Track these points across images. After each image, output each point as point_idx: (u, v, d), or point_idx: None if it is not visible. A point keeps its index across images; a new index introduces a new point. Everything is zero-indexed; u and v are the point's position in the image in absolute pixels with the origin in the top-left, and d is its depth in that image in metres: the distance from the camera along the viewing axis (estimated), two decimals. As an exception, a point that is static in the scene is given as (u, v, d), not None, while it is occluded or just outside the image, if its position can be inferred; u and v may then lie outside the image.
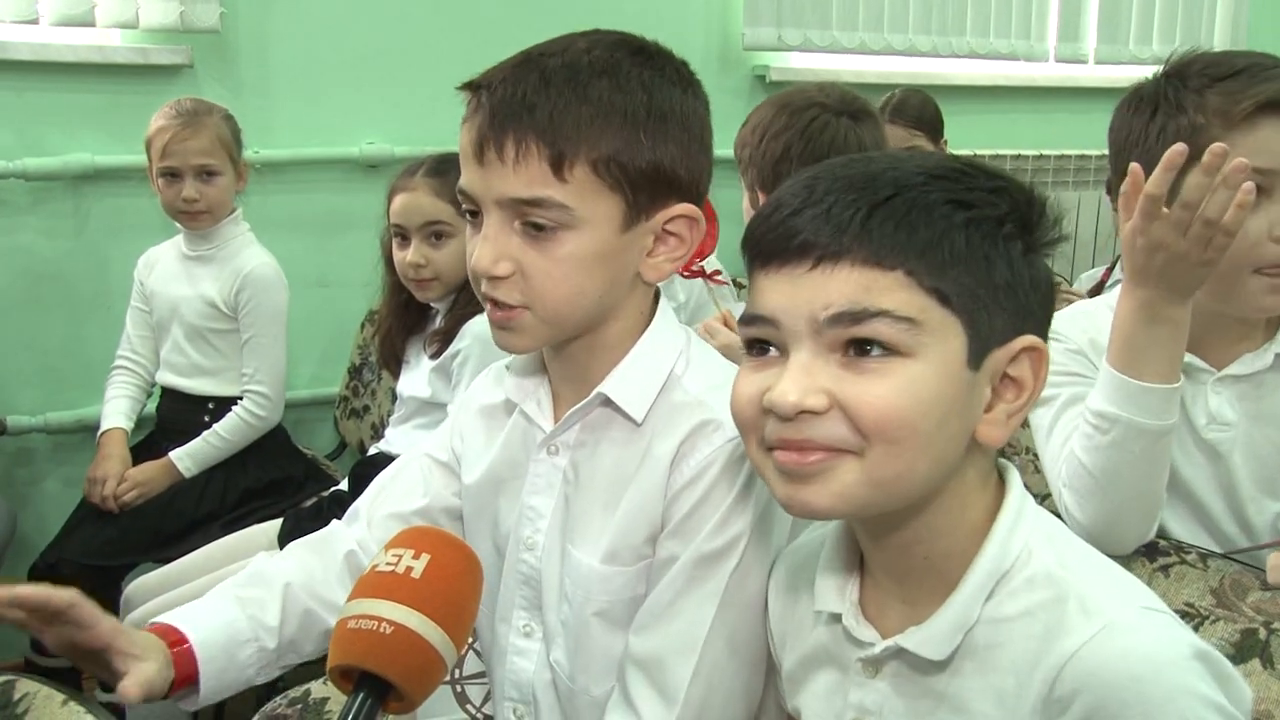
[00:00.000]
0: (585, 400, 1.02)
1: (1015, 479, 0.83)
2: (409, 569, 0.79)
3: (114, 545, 2.18)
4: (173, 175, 2.20)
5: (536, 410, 1.06)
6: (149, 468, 2.24)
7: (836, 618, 0.86)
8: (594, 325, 1.00)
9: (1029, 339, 0.78)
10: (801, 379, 0.76)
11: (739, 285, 2.17)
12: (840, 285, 0.75)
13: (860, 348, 0.75)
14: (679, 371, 1.02)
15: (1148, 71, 1.28)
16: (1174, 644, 0.73)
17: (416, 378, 2.10)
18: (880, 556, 0.84)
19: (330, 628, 1.04)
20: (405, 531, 0.85)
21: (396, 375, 2.17)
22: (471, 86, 0.97)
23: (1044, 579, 0.77)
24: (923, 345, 0.75)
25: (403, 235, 1.97)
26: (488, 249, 0.95)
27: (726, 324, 1.63)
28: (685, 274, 1.61)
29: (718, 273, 1.68)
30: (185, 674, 0.98)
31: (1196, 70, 1.22)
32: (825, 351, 0.76)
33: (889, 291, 0.74)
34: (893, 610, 0.84)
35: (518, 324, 0.97)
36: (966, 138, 3.12)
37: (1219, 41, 3.68)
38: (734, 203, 2.62)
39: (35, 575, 2.17)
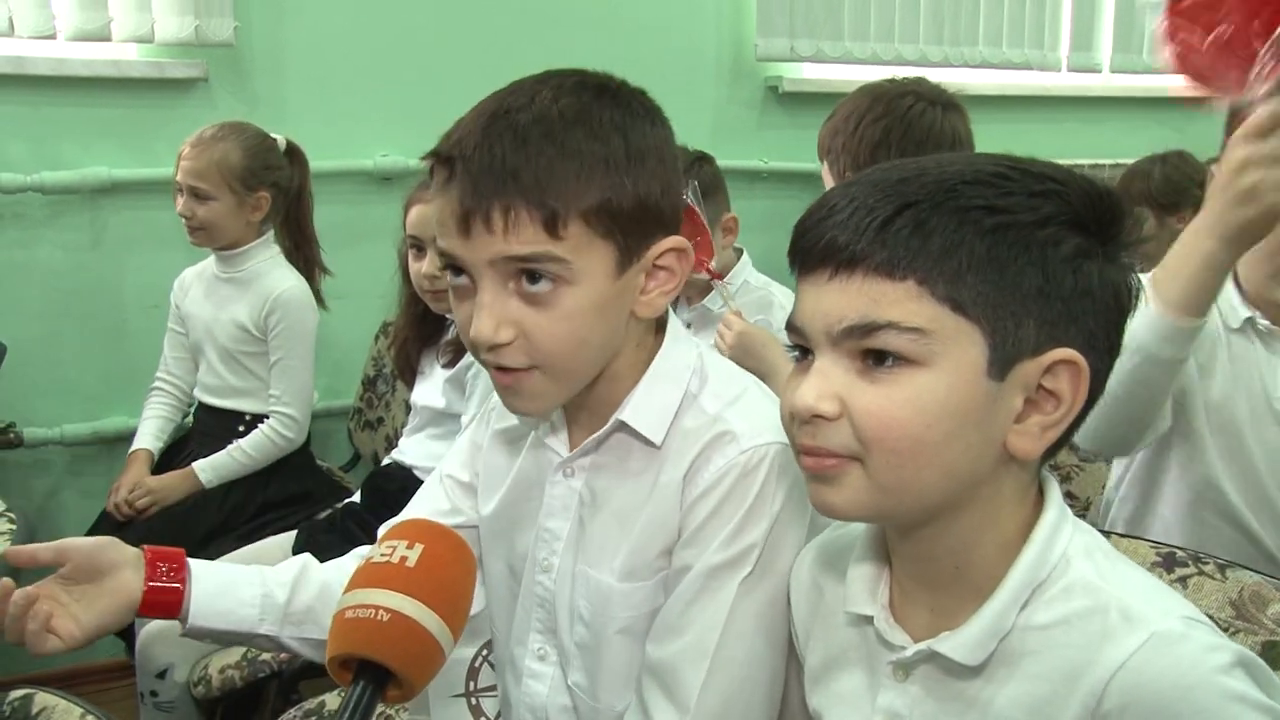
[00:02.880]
0: (604, 428, 1.01)
1: (1055, 491, 0.82)
2: (403, 558, 0.80)
3: None
4: (178, 190, 2.26)
5: (552, 436, 1.06)
6: (167, 477, 2.26)
7: (867, 619, 0.86)
8: (601, 370, 1.00)
9: (1063, 352, 0.75)
10: (818, 384, 0.77)
11: None
12: (852, 298, 0.75)
13: (878, 356, 0.75)
14: (694, 390, 1.02)
15: (1162, 81, 1.29)
16: (1220, 652, 0.72)
17: (430, 388, 2.11)
18: (910, 565, 0.84)
19: None
20: (398, 525, 0.86)
21: (411, 386, 2.17)
22: (439, 157, 0.93)
23: (1081, 588, 0.77)
24: (934, 355, 0.74)
25: (418, 246, 1.98)
26: (486, 318, 0.92)
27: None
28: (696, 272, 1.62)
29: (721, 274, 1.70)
30: (165, 593, 1.01)
31: None
32: (845, 359, 0.77)
33: (897, 303, 0.74)
34: (920, 616, 0.83)
35: (528, 389, 0.95)
36: (979, 148, 3.11)
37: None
38: (754, 213, 2.62)
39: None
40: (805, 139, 3.18)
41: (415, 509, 1.17)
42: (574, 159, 0.91)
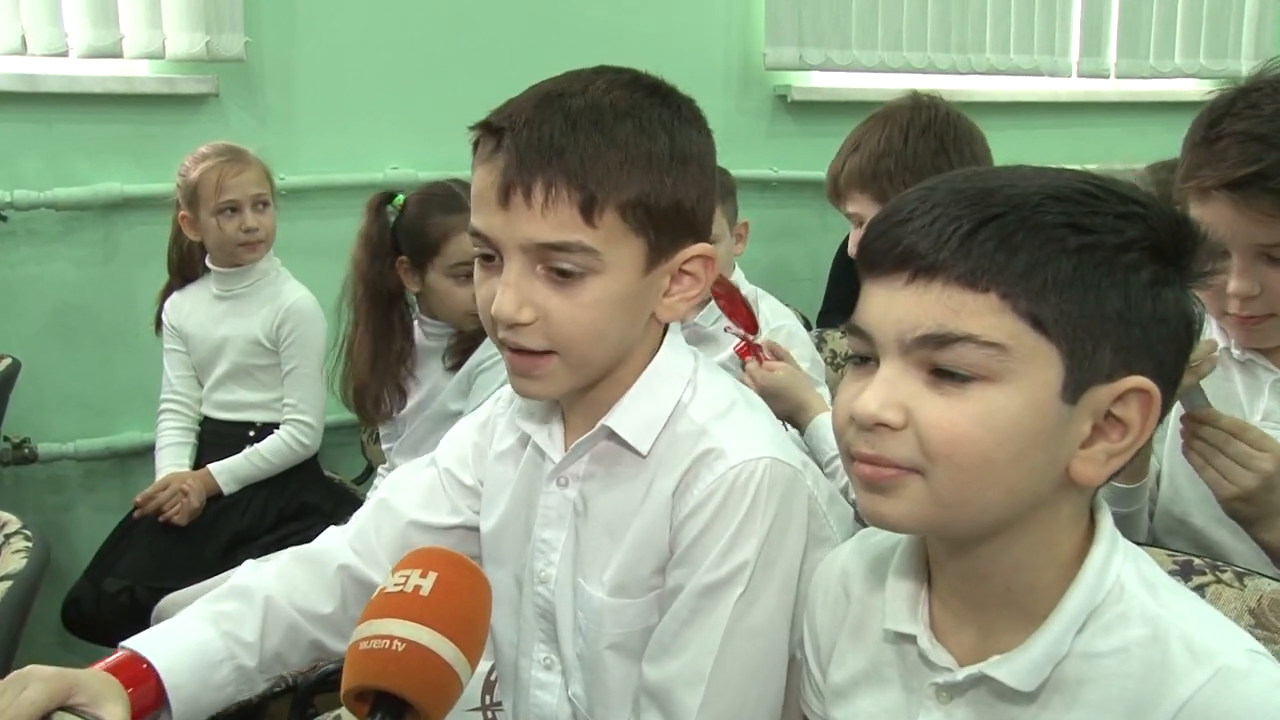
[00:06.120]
0: (591, 433, 1.01)
1: (1107, 517, 0.81)
2: (417, 587, 0.79)
3: (158, 566, 2.19)
4: (233, 209, 2.24)
5: (548, 441, 1.05)
6: (187, 474, 2.26)
7: (908, 638, 0.84)
8: (613, 368, 0.99)
9: (1138, 380, 0.74)
10: (883, 391, 0.75)
11: None
12: (929, 307, 0.73)
13: (949, 369, 0.74)
14: (685, 399, 1.01)
15: (1170, 85, 1.30)
16: None
17: (428, 393, 2.09)
18: (957, 582, 0.82)
19: (316, 639, 1.07)
20: (411, 554, 0.85)
21: (397, 410, 2.14)
22: (489, 127, 0.95)
23: (1139, 616, 0.75)
24: (1010, 371, 0.72)
25: (468, 273, 1.96)
26: (510, 295, 0.92)
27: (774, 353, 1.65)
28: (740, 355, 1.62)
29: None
30: (148, 703, 0.96)
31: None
32: (913, 368, 0.75)
33: (978, 315, 0.72)
34: (965, 637, 0.81)
35: (543, 371, 0.95)
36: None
37: (1245, 52, 3.65)
38: (763, 222, 2.61)
39: (76, 598, 2.19)
40: (814, 147, 3.19)
41: (403, 497, 1.13)
42: (620, 149, 0.92)
